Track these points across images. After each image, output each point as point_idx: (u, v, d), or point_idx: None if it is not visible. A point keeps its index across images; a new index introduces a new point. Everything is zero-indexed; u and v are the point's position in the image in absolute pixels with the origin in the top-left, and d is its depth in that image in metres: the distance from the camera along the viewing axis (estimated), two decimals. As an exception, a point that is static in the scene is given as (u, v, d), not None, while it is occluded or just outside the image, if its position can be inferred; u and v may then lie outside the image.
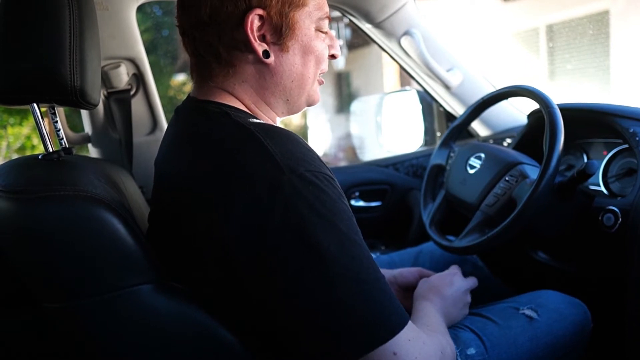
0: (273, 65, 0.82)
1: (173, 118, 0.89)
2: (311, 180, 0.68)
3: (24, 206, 0.69)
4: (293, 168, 0.68)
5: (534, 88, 1.23)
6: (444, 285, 1.03)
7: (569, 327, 1.06)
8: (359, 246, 0.69)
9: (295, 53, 0.83)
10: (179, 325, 0.74)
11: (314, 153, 0.74)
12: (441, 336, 0.83)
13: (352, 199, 1.91)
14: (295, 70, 0.84)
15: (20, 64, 0.76)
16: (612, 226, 1.13)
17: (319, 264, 0.65)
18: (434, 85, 1.82)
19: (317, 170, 0.70)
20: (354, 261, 0.67)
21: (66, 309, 0.72)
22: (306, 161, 0.70)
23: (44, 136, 0.82)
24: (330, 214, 0.67)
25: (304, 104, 0.90)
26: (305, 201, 0.66)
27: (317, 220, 0.66)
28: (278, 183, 0.66)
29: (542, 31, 5.55)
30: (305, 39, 0.83)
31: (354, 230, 0.70)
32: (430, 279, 1.07)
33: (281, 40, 0.81)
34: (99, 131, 1.60)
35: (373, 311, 0.67)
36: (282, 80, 0.84)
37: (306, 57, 0.85)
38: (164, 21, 8.27)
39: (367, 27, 1.74)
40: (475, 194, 1.28)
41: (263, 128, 0.74)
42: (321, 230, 0.66)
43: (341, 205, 0.70)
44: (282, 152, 0.69)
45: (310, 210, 0.66)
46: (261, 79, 0.83)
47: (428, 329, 0.85)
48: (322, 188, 0.68)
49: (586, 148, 1.41)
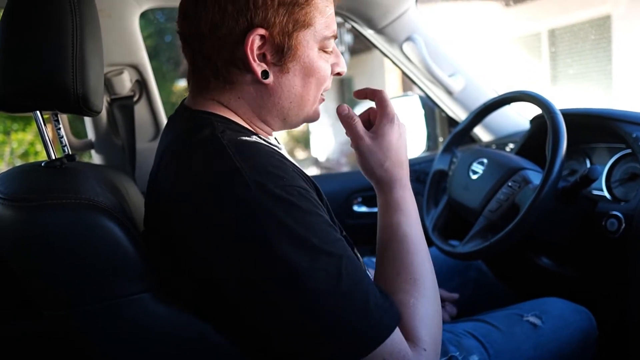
0: (272, 85, 0.79)
1: (166, 126, 0.89)
2: (280, 195, 0.66)
3: (26, 214, 0.69)
4: (261, 183, 0.66)
5: (536, 93, 1.23)
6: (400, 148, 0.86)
7: (574, 334, 1.05)
8: (335, 257, 0.67)
9: (295, 74, 0.79)
10: (179, 333, 0.74)
11: (288, 166, 0.72)
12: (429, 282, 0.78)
13: (355, 205, 1.90)
14: (294, 91, 0.81)
15: (23, 71, 0.77)
16: (615, 231, 1.13)
17: (292, 281, 0.64)
18: (436, 90, 1.82)
19: (288, 184, 0.68)
20: (328, 274, 0.65)
21: (66, 317, 0.72)
22: (278, 176, 0.68)
23: (47, 143, 0.82)
24: (301, 228, 0.66)
25: (302, 122, 0.87)
26: (273, 218, 0.65)
27: (286, 237, 0.65)
28: (245, 200, 0.65)
29: (544, 36, 5.56)
30: (307, 60, 0.79)
31: (329, 240, 0.68)
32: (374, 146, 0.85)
33: (282, 61, 0.78)
34: (102, 137, 1.61)
35: (357, 321, 0.65)
36: (280, 101, 0.81)
37: (307, 79, 0.81)
38: (166, 27, 8.29)
39: (369, 32, 1.75)
40: (478, 199, 1.28)
41: (236, 144, 0.72)
42: (291, 247, 0.64)
43: (315, 217, 0.68)
44: (251, 168, 0.67)
45: (278, 227, 0.65)
46: (258, 98, 0.81)
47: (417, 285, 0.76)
48: (293, 202, 0.67)
49: (589, 153, 1.40)
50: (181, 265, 0.73)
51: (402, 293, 0.74)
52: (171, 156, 0.77)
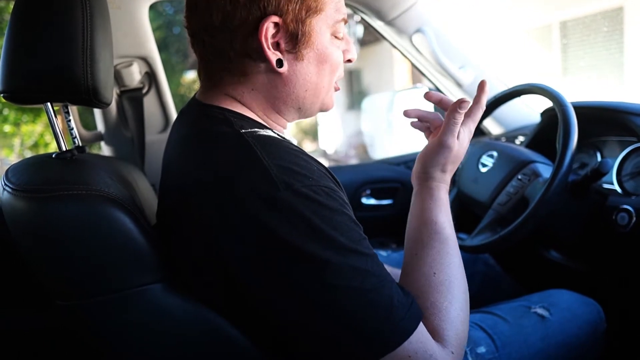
0: (286, 74, 0.79)
1: (177, 119, 0.88)
2: (307, 195, 0.66)
3: (38, 205, 0.69)
4: (289, 183, 0.66)
5: (547, 86, 1.22)
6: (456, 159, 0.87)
7: (582, 326, 1.05)
8: (361, 255, 0.67)
9: (310, 62, 0.79)
10: (190, 323, 0.74)
11: (313, 165, 0.72)
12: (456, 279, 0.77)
13: (363, 197, 1.90)
14: (309, 79, 0.80)
15: (33, 64, 0.77)
16: (626, 225, 1.12)
17: (319, 279, 0.65)
18: (445, 82, 1.81)
19: (315, 184, 0.68)
20: (356, 271, 0.66)
21: (78, 306, 0.72)
22: (304, 175, 0.68)
23: (58, 135, 0.83)
24: (329, 227, 0.66)
25: (318, 111, 0.87)
26: (301, 217, 0.65)
27: (315, 236, 0.65)
28: (273, 200, 0.65)
29: (556, 28, 5.50)
30: (320, 46, 0.79)
31: (356, 239, 0.68)
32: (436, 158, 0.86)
33: (296, 48, 0.77)
34: (111, 129, 1.62)
35: (380, 319, 0.66)
36: (296, 89, 0.80)
37: (321, 66, 0.81)
38: (175, 19, 8.31)
39: (379, 24, 1.74)
40: (488, 192, 1.28)
41: (261, 141, 0.71)
42: (319, 246, 0.65)
43: (342, 217, 0.68)
44: (278, 167, 0.67)
45: (307, 226, 0.65)
46: (273, 88, 0.80)
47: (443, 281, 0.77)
48: (321, 202, 0.67)
49: (600, 146, 1.39)
50: (197, 257, 0.73)
51: (436, 294, 0.74)
52: (190, 150, 0.76)
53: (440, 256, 0.78)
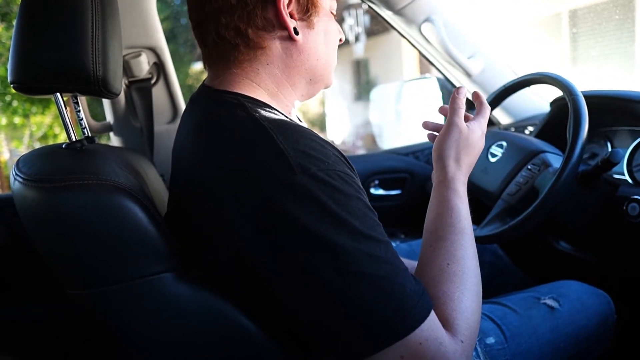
0: (301, 42, 0.83)
1: (188, 107, 0.89)
2: (323, 179, 0.67)
3: (48, 195, 0.70)
4: (305, 167, 0.66)
5: (557, 75, 1.21)
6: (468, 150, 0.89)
7: (592, 317, 1.05)
8: (376, 242, 0.68)
9: (319, 31, 0.85)
10: (200, 312, 0.75)
11: (329, 150, 0.73)
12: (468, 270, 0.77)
13: (372, 187, 1.90)
14: (320, 48, 0.85)
15: (43, 54, 0.77)
16: (636, 216, 1.11)
17: (332, 264, 0.65)
18: (454, 72, 1.80)
19: (331, 169, 0.68)
20: (370, 258, 0.66)
21: (89, 296, 0.73)
22: (320, 159, 0.69)
23: (67, 125, 0.83)
24: (345, 212, 0.66)
25: (323, 86, 0.91)
26: (317, 201, 0.65)
27: (330, 220, 0.65)
28: (290, 183, 0.65)
29: (565, 16, 5.44)
30: (325, 17, 0.85)
31: (370, 225, 0.69)
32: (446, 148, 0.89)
33: (307, 16, 0.82)
34: (120, 120, 1.62)
35: (393, 306, 0.66)
36: (309, 59, 0.85)
37: (327, 37, 0.86)
38: (182, 10, 8.28)
39: (387, 14, 1.73)
40: (497, 182, 1.27)
41: (277, 125, 0.72)
42: (334, 230, 0.65)
43: (357, 202, 0.69)
44: (295, 150, 0.68)
45: (323, 211, 0.65)
46: (288, 58, 0.83)
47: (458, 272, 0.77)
48: (336, 186, 0.67)
49: (610, 136, 1.38)
50: (210, 244, 0.74)
51: (449, 284, 0.74)
52: (205, 136, 0.77)
53: (455, 247, 0.78)
